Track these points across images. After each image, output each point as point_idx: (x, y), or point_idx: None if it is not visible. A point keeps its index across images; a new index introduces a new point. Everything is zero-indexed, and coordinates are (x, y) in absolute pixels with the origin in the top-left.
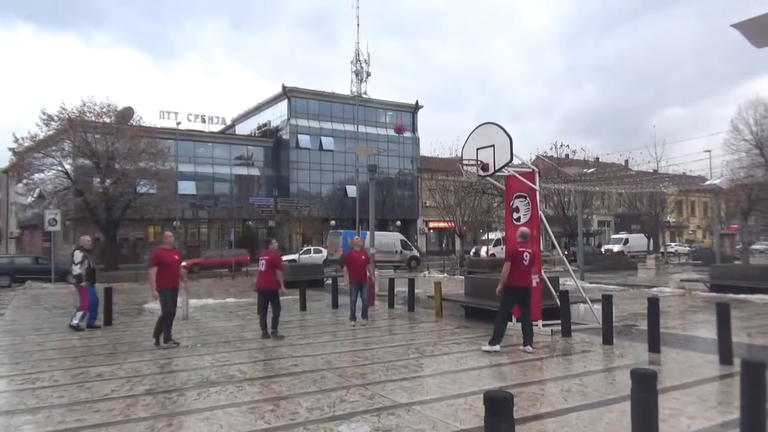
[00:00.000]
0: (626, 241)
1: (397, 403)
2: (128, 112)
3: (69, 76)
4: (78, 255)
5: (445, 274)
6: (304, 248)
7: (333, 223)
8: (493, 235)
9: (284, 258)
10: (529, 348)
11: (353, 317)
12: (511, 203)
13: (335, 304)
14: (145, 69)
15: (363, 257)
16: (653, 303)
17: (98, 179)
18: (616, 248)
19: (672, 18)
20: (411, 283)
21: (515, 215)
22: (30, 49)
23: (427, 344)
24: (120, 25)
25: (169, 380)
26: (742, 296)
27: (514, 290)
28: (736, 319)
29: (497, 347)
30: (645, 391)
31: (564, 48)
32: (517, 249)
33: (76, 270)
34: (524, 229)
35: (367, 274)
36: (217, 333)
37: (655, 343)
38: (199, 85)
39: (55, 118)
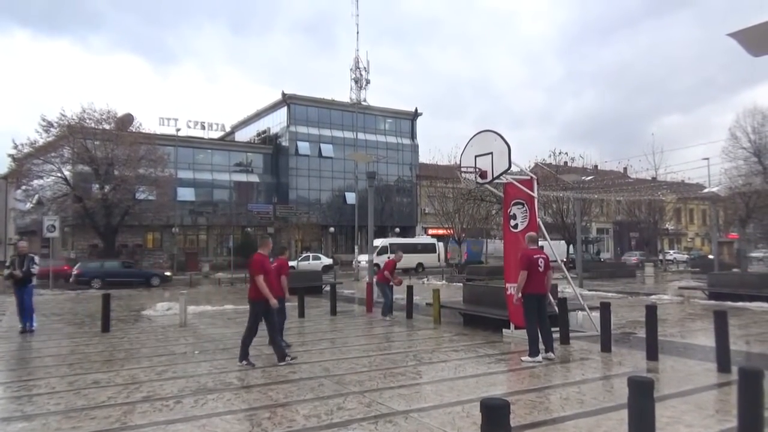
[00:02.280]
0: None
1: (394, 411)
2: (128, 119)
3: (68, 81)
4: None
5: (444, 282)
6: (303, 255)
7: (332, 229)
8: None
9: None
10: (551, 354)
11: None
12: (509, 210)
13: (333, 311)
14: (144, 74)
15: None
16: (651, 310)
17: (97, 185)
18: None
19: (672, 25)
20: (409, 291)
21: (512, 222)
22: (27, 54)
23: (425, 351)
24: (117, 29)
25: (166, 387)
26: (740, 304)
27: (532, 297)
28: (734, 327)
29: (539, 357)
30: (642, 398)
31: (563, 55)
32: (531, 256)
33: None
34: (532, 233)
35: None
36: (215, 340)
37: (653, 350)
38: (198, 92)
39: (55, 124)
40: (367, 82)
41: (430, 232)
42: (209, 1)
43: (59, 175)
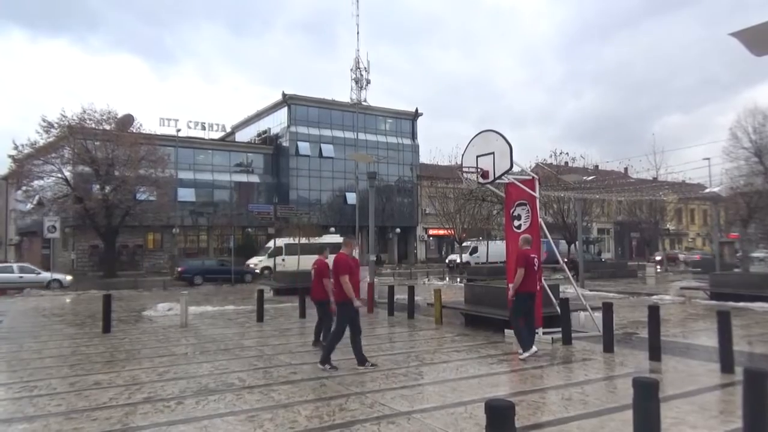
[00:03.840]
0: (474, 249)
1: (397, 412)
2: (128, 120)
3: (67, 82)
4: None
5: (446, 281)
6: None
7: (333, 230)
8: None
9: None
10: (525, 354)
11: None
12: (512, 211)
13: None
14: (143, 75)
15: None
16: (653, 311)
17: (98, 186)
18: (458, 259)
19: (673, 24)
20: (411, 291)
21: (516, 223)
22: (26, 54)
23: (427, 352)
24: (116, 29)
25: (167, 388)
26: (742, 304)
27: (525, 296)
28: (736, 328)
29: (534, 348)
30: (647, 399)
31: (564, 54)
32: (528, 255)
33: None
34: (527, 235)
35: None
36: (216, 341)
37: (655, 351)
38: (197, 92)
39: (55, 125)
40: (368, 82)
41: (431, 232)
42: (208, 0)
43: (60, 175)
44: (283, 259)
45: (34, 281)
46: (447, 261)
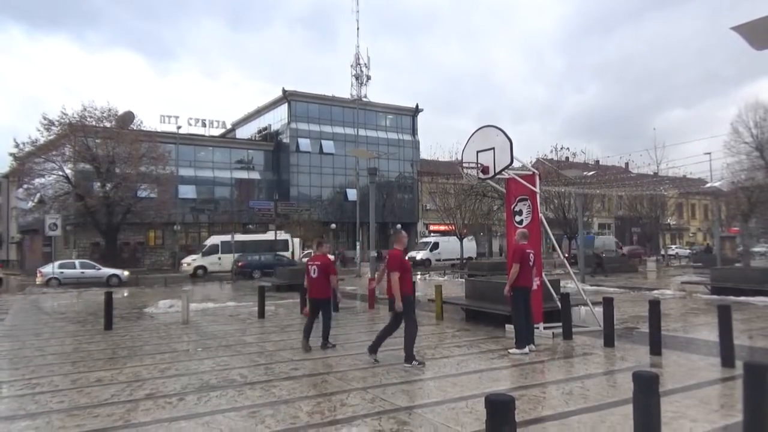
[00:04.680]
0: (435, 245)
1: (398, 407)
2: (129, 117)
3: (67, 79)
4: None
5: (447, 277)
6: (305, 252)
7: (333, 226)
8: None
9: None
10: (533, 346)
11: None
12: (514, 206)
13: (335, 308)
14: (142, 71)
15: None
16: (654, 305)
17: (99, 184)
18: (419, 256)
19: (676, 18)
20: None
21: (518, 218)
22: (24, 51)
23: (428, 347)
24: (113, 25)
25: (169, 385)
26: (743, 298)
27: (522, 290)
28: (737, 322)
29: (526, 349)
30: (647, 394)
31: (566, 48)
32: (524, 250)
33: None
34: (523, 230)
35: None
36: (218, 337)
37: (656, 345)
38: (197, 88)
39: (56, 122)
40: (368, 78)
41: (432, 228)
42: None
43: (61, 173)
44: (219, 258)
45: (95, 276)
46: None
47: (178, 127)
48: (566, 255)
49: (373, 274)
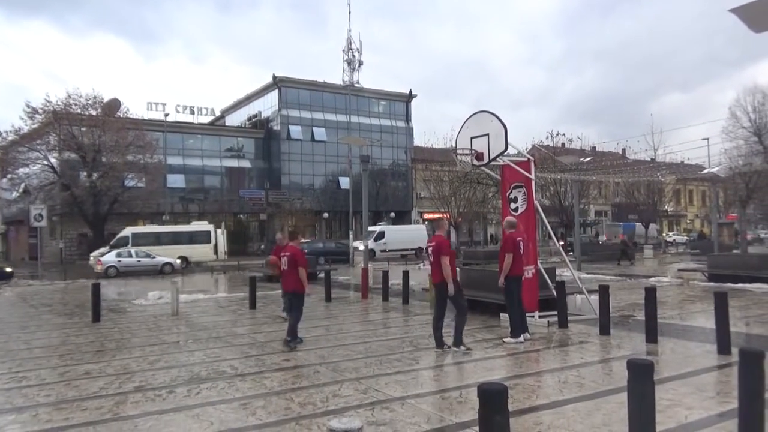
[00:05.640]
0: (380, 235)
1: (391, 397)
2: (115, 104)
3: (50, 65)
4: None
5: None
6: (304, 241)
7: (326, 215)
8: (376, 227)
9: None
10: (527, 334)
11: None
12: (509, 193)
13: (328, 298)
14: (127, 56)
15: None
16: (650, 293)
17: (85, 173)
18: (362, 246)
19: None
20: (405, 276)
21: (513, 205)
22: (4, 36)
23: (422, 337)
24: (96, 7)
25: (158, 377)
26: (740, 285)
27: (515, 279)
28: (734, 309)
29: (521, 338)
30: (642, 381)
31: (564, 32)
32: (515, 239)
33: None
34: (510, 218)
35: None
36: (208, 329)
37: (652, 333)
38: (184, 74)
39: (40, 110)
40: (360, 63)
41: (426, 216)
42: None
43: (45, 162)
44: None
45: (150, 265)
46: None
47: (166, 115)
48: (562, 243)
49: (366, 264)
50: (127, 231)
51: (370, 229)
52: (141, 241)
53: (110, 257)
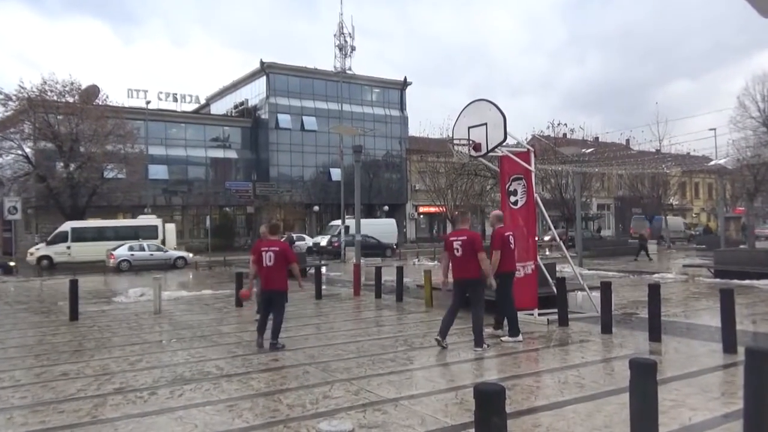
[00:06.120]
0: (345, 230)
1: (383, 399)
2: (93, 91)
3: (24, 49)
4: None
5: (436, 262)
6: (285, 235)
7: (316, 208)
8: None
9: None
10: (509, 339)
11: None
12: (508, 186)
13: (318, 295)
14: (105, 38)
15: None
16: (654, 290)
17: (62, 164)
18: (324, 241)
19: None
20: (399, 272)
21: (512, 198)
22: None
23: (416, 336)
24: None
25: (140, 378)
26: (747, 282)
27: (507, 276)
28: (740, 306)
29: (520, 336)
30: (644, 381)
31: (566, 16)
32: (503, 234)
33: None
34: (497, 212)
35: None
36: (192, 327)
37: (655, 331)
38: (166, 57)
39: (14, 97)
40: (353, 48)
41: (422, 209)
42: None
43: (20, 152)
44: (68, 247)
45: (162, 258)
46: (312, 244)
47: (147, 102)
48: (563, 237)
49: (358, 260)
50: (66, 226)
51: (332, 223)
52: (81, 236)
53: (123, 251)
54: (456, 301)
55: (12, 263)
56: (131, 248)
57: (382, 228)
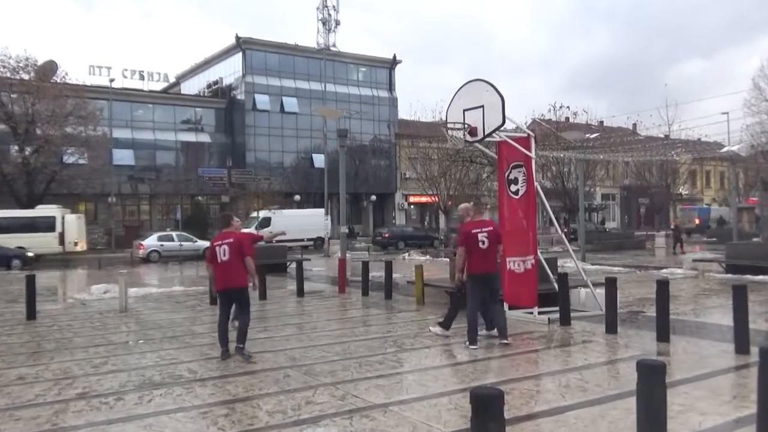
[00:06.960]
0: (265, 222)
1: (371, 404)
2: (51, 67)
3: None
4: None
5: (428, 257)
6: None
7: (298, 197)
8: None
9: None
10: (506, 340)
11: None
12: (508, 173)
13: (300, 292)
14: (64, 6)
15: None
16: (662, 286)
17: (16, 147)
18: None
19: None
20: (388, 267)
21: (513, 187)
22: None
23: (407, 336)
24: None
25: (104, 382)
26: (761, 277)
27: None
28: (754, 304)
29: (449, 332)
30: (652, 384)
31: None
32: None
33: None
34: (464, 204)
35: None
36: (162, 327)
37: (663, 331)
38: (131, 30)
39: None
40: (337, 23)
41: (412, 199)
42: None
43: None
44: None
45: (192, 249)
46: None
47: (111, 80)
48: (565, 230)
49: (344, 254)
50: None
51: (253, 215)
52: None
53: (152, 241)
54: (481, 298)
55: (30, 254)
56: (161, 238)
57: (308, 221)
